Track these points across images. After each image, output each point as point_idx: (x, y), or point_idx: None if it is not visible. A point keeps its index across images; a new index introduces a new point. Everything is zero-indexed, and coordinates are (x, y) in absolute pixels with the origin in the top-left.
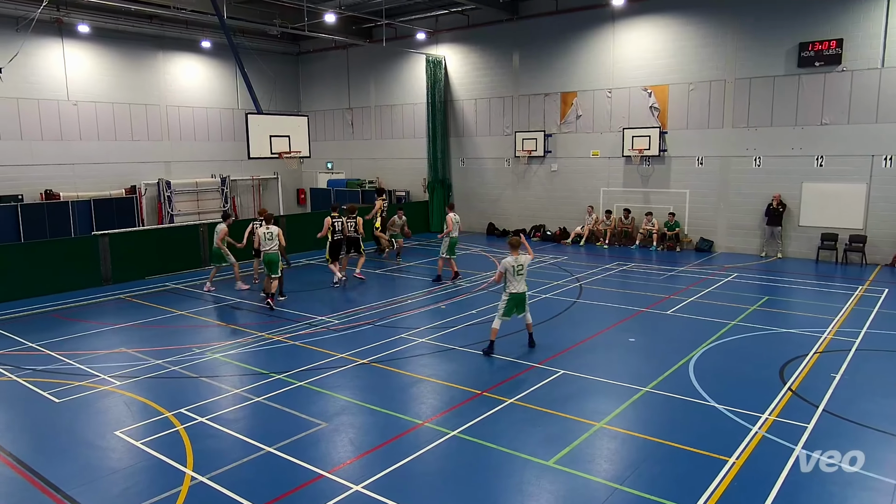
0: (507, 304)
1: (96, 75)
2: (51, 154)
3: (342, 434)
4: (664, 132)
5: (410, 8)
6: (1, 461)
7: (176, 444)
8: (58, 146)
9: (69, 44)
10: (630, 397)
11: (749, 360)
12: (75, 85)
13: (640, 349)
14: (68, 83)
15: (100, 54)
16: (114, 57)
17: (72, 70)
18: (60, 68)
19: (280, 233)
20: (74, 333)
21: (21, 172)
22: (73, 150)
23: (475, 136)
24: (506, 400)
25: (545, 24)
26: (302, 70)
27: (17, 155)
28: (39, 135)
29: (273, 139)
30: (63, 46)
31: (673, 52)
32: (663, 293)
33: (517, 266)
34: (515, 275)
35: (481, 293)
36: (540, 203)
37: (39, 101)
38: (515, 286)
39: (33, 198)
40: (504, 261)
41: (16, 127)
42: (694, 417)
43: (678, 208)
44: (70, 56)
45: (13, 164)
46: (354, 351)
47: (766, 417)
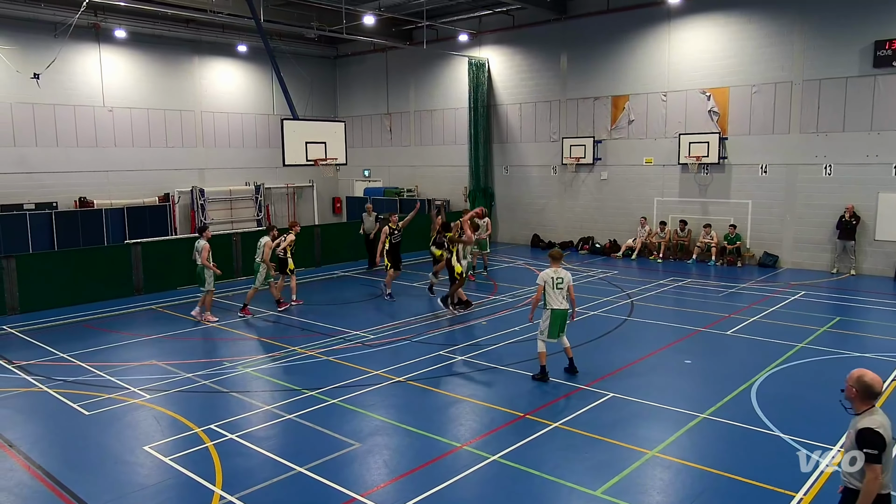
0: (551, 322)
1: (132, 81)
2: (85, 161)
3: (376, 455)
4: (724, 138)
5: (453, 8)
6: (31, 474)
7: (205, 462)
8: (93, 153)
9: (106, 49)
10: (686, 424)
11: (818, 387)
12: (111, 91)
13: (697, 372)
14: (104, 89)
15: (136, 59)
16: (149, 62)
17: (108, 76)
18: (97, 74)
19: (266, 243)
20: (105, 344)
21: (56, 179)
22: (107, 157)
23: (520, 143)
24: (550, 424)
25: (595, 24)
26: (339, 74)
27: (52, 162)
28: (75, 141)
29: (309, 146)
30: (100, 52)
31: (734, 52)
32: (723, 312)
33: (556, 279)
34: (555, 288)
35: (524, 309)
36: (588, 214)
37: (76, 108)
38: (556, 302)
39: (67, 205)
40: (542, 274)
41: (52, 133)
42: (756, 448)
43: (739, 220)
44: (106, 61)
45: (49, 171)
46: (390, 368)
47: (838, 450)
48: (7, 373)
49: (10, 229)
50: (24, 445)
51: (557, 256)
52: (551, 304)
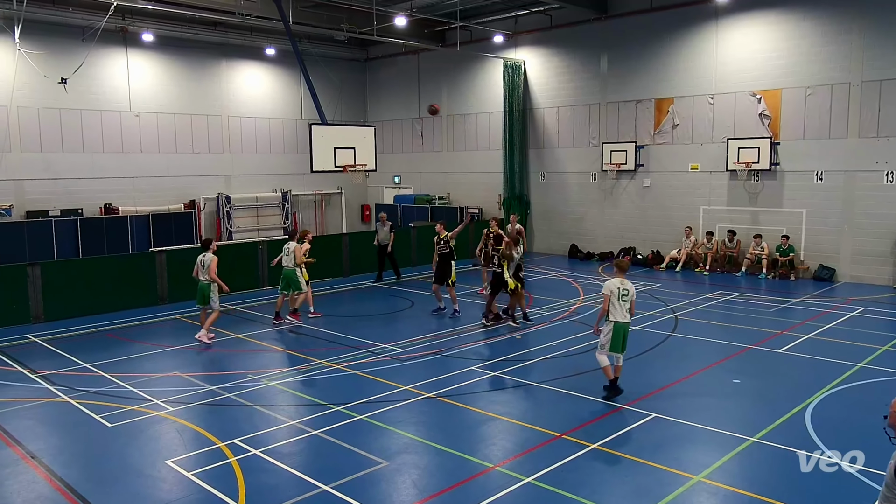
0: (614, 335)
1: (158, 85)
2: (111, 167)
3: (404, 475)
4: (776, 143)
5: (487, 8)
6: (53, 487)
7: (228, 477)
8: (118, 159)
9: (133, 53)
10: (734, 448)
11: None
12: (137, 95)
13: (747, 392)
14: (131, 94)
15: (163, 63)
16: (177, 66)
17: (135, 80)
18: (124, 78)
19: (296, 248)
20: (129, 355)
21: (82, 186)
22: (133, 163)
23: (557, 148)
24: (588, 445)
25: (638, 23)
26: (369, 77)
27: (78, 168)
28: (101, 147)
29: (337, 151)
30: (127, 56)
31: (787, 52)
32: (775, 328)
33: (622, 290)
34: (620, 300)
35: (561, 323)
36: (630, 223)
37: (102, 113)
38: (620, 314)
39: (93, 212)
40: (608, 283)
41: (78, 139)
42: (812, 475)
43: (793, 230)
44: (133, 66)
45: (74, 177)
46: (420, 383)
47: None
48: (30, 382)
49: (35, 236)
50: (45, 457)
51: (624, 267)
52: (615, 317)
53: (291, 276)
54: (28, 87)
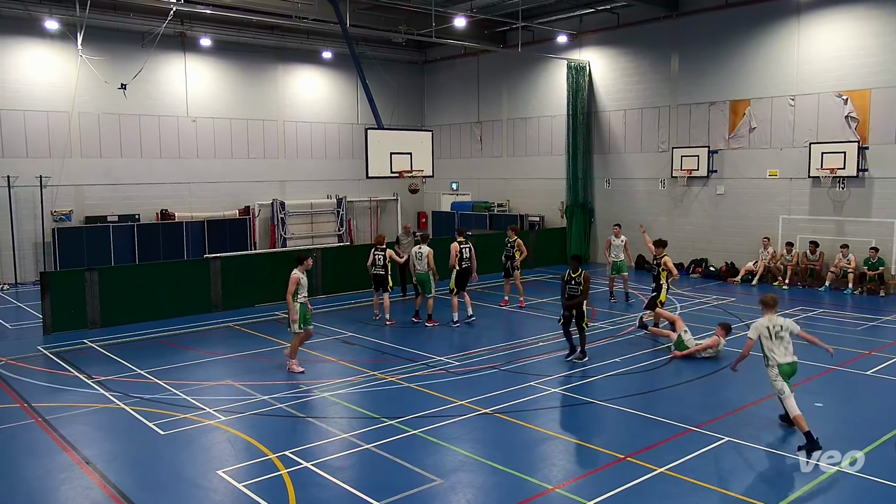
0: (783, 378)
1: (215, 90)
2: (168, 172)
3: (459, 494)
4: (864, 147)
5: (551, 8)
6: (106, 493)
7: (279, 490)
8: (175, 164)
9: (191, 58)
10: (815, 478)
11: None
12: (195, 100)
13: (830, 417)
14: (188, 99)
15: (220, 68)
16: (233, 71)
17: (192, 85)
18: (181, 83)
19: (429, 253)
20: (182, 362)
21: (139, 191)
22: (189, 169)
23: (623, 153)
24: (655, 469)
25: (711, 21)
26: (427, 80)
27: (136, 173)
28: (158, 152)
29: (394, 156)
30: (185, 61)
31: (876, 50)
32: (862, 348)
33: (774, 328)
34: (774, 338)
35: (626, 338)
36: (702, 233)
37: (160, 118)
38: (781, 355)
39: (149, 217)
40: (756, 324)
41: (136, 144)
42: None
43: (883, 242)
44: (191, 71)
45: (132, 183)
46: (476, 398)
47: None
48: (86, 388)
49: (93, 241)
50: (100, 463)
51: (771, 303)
52: (776, 359)
53: (425, 279)
54: (89, 92)
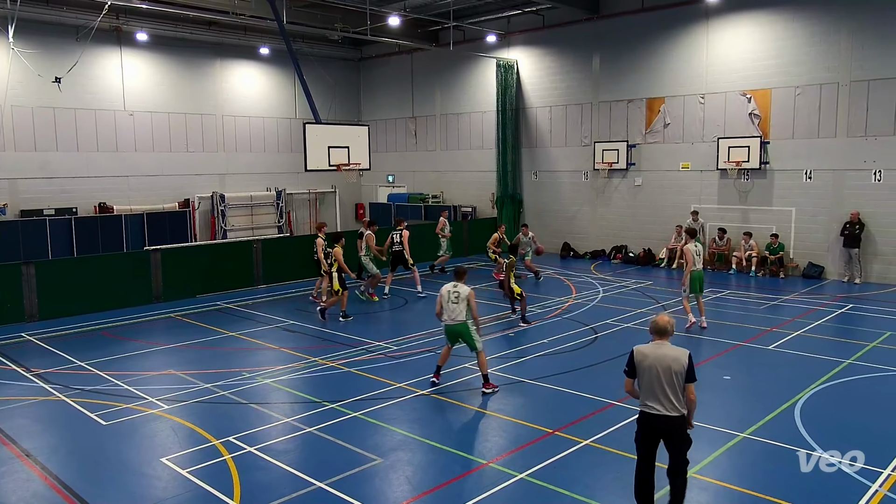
0: None
1: (153, 85)
2: (106, 166)
3: (398, 471)
4: (766, 142)
5: (481, 9)
6: (48, 485)
7: (223, 475)
8: (113, 158)
9: (127, 52)
10: (724, 444)
11: (867, 406)
12: (132, 95)
13: (737, 389)
14: (125, 93)
15: (157, 63)
16: (171, 65)
17: (129, 79)
18: (118, 78)
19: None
20: (123, 353)
21: (76, 185)
22: (127, 162)
23: (550, 147)
24: (581, 441)
25: (629, 23)
26: (363, 77)
27: (73, 167)
28: (95, 146)
29: (331, 150)
30: (121, 55)
31: (777, 52)
32: (764, 325)
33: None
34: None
35: (553, 320)
36: (622, 221)
37: (96, 112)
38: None
39: (87, 211)
40: None
41: (73, 138)
42: (801, 470)
43: (782, 229)
44: (128, 65)
45: (69, 176)
46: (414, 381)
47: (889, 474)
48: (25, 381)
49: (30, 235)
50: (41, 455)
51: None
52: None
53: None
54: (22, 86)
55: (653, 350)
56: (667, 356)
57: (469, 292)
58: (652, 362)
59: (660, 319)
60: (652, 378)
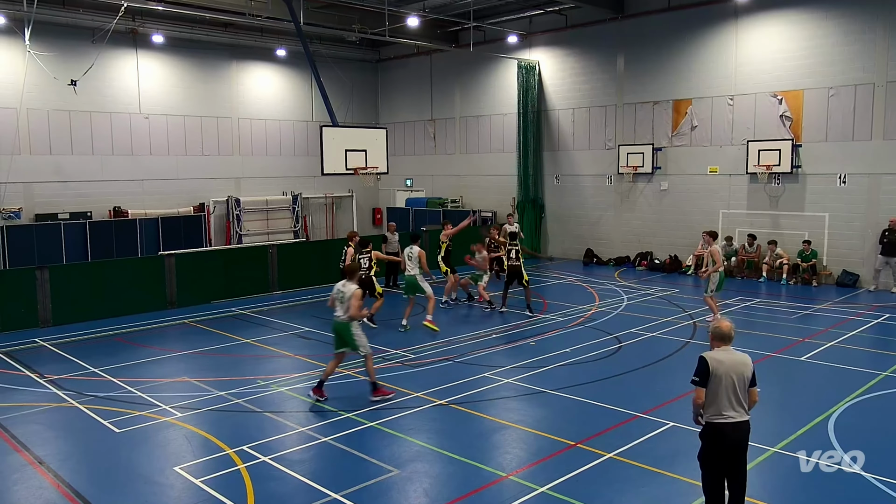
0: None
1: (168, 87)
2: (121, 170)
3: (415, 483)
4: (797, 145)
5: (502, 9)
6: (61, 493)
7: (237, 485)
8: (128, 161)
9: (143, 55)
10: (755, 458)
11: None
12: (147, 97)
13: (768, 401)
14: (141, 95)
15: (173, 65)
16: (187, 68)
17: (145, 82)
18: (133, 80)
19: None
20: (137, 359)
21: (91, 189)
22: (142, 166)
23: (572, 151)
24: (604, 454)
25: (655, 23)
26: (381, 78)
27: (88, 170)
28: (110, 149)
29: (348, 154)
30: (137, 57)
31: (809, 52)
32: (796, 335)
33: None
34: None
35: (576, 329)
36: (647, 227)
37: (112, 115)
38: None
39: (102, 215)
40: None
41: (88, 141)
42: (836, 487)
43: (815, 235)
44: (143, 67)
45: (84, 180)
46: (431, 390)
47: None
48: (38, 387)
49: (44, 239)
50: (53, 462)
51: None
52: None
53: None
54: (38, 89)
55: (725, 356)
56: (738, 362)
57: (356, 290)
58: (727, 369)
59: (723, 325)
60: (728, 385)
